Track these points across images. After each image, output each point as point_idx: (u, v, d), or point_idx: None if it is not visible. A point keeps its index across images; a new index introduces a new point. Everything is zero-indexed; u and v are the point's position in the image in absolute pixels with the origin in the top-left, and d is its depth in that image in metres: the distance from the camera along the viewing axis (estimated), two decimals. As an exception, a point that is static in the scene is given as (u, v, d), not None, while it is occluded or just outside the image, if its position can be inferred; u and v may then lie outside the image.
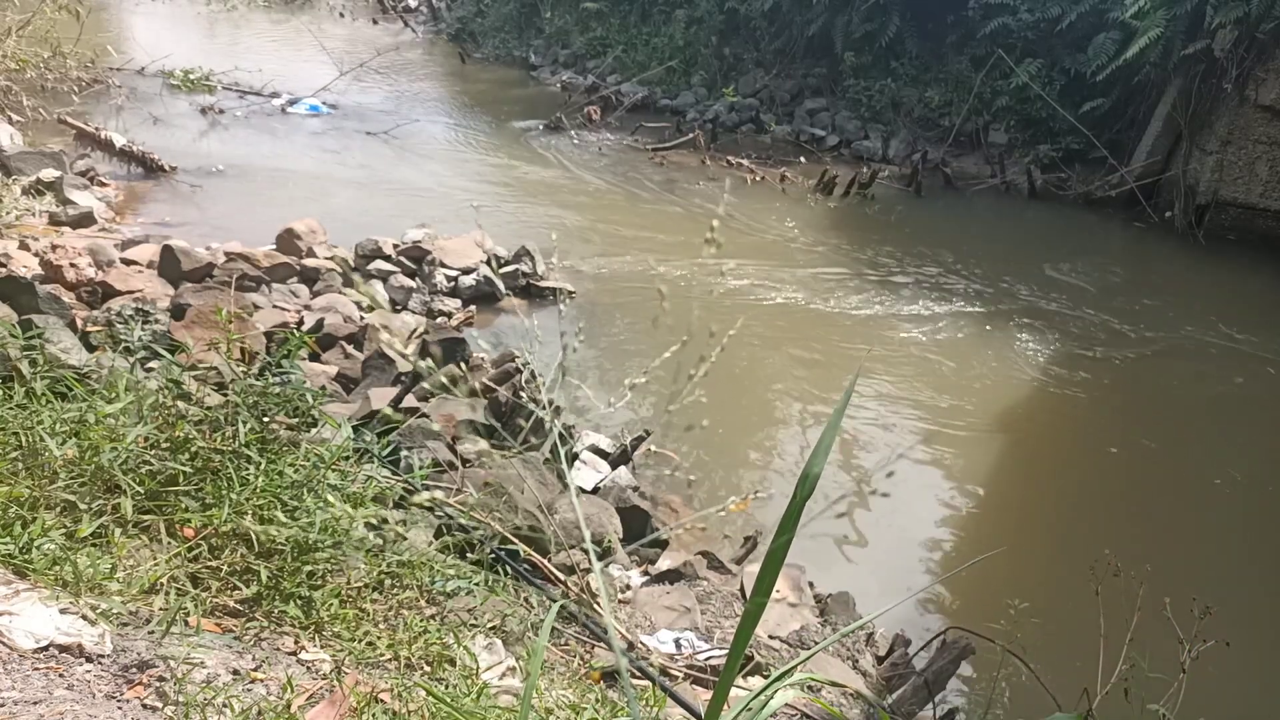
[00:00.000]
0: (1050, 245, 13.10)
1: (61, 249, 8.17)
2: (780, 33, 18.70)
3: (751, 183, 14.69)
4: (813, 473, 1.15)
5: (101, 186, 11.32)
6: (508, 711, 2.61)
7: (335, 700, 2.41)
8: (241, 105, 15.96)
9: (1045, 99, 15.30)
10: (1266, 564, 6.87)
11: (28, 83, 13.23)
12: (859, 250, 12.18)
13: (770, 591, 1.16)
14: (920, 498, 7.26)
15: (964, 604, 6.04)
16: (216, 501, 3.02)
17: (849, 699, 4.40)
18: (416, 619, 3.08)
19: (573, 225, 12.25)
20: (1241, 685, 5.21)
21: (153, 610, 2.63)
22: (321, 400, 3.74)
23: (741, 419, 8.03)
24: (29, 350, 3.84)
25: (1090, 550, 4.65)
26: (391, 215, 11.35)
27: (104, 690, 2.23)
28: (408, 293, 9.36)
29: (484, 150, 15.48)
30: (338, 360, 7.28)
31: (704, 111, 18.05)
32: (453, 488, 4.81)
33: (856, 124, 17.28)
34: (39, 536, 2.68)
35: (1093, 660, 3.76)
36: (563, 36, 21.78)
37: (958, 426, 8.26)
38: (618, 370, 8.64)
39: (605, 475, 6.50)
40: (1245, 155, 13.00)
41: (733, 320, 2.11)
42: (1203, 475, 8.11)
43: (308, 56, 19.94)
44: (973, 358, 9.59)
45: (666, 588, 5.06)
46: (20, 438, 3.09)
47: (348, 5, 27.13)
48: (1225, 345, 10.35)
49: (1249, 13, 12.22)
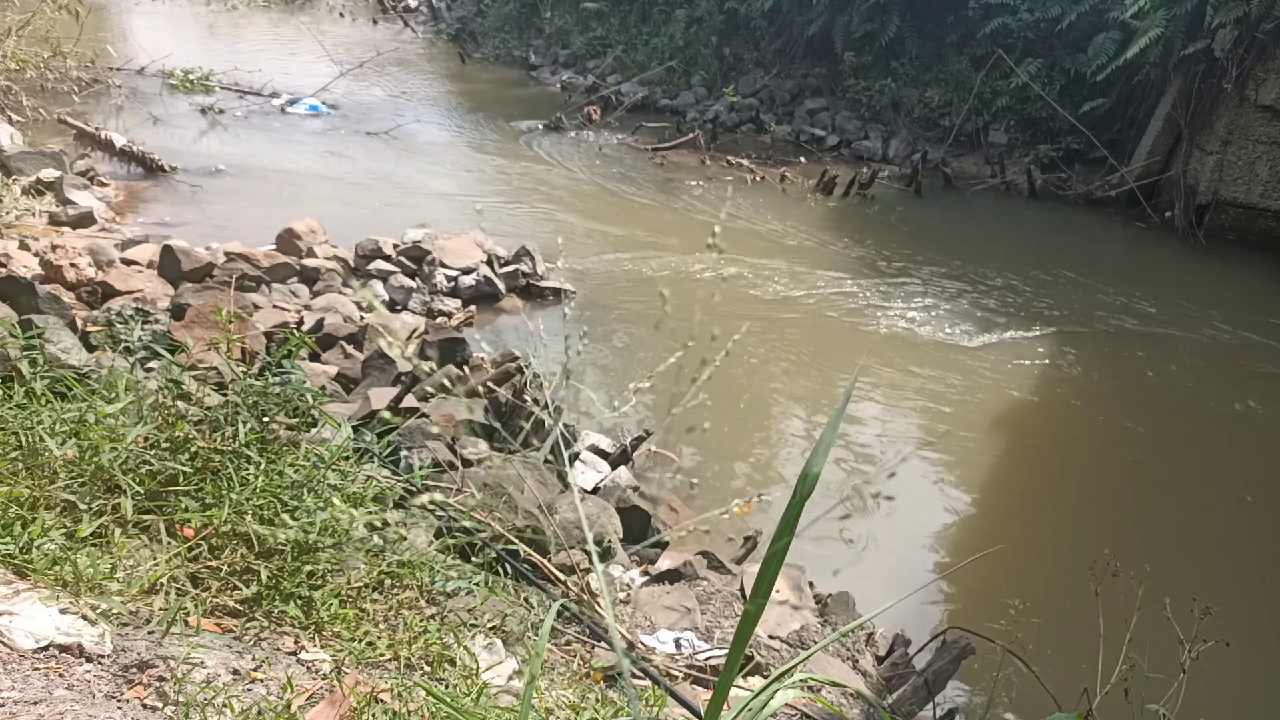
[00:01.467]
0: (1050, 245, 13.10)
1: (61, 249, 8.17)
2: (780, 33, 18.70)
3: (751, 183, 14.69)
4: (813, 472, 1.15)
5: (101, 186, 11.32)
6: (508, 711, 2.61)
7: (335, 700, 2.41)
8: (241, 105, 15.96)
9: (1045, 99, 15.30)
10: (1266, 564, 6.87)
11: (28, 83, 13.23)
12: (859, 250, 12.17)
13: (769, 593, 1.16)
14: (920, 498, 7.26)
15: (964, 604, 6.04)
16: (216, 501, 3.02)
17: (849, 699, 4.41)
18: (416, 619, 3.08)
19: (572, 225, 12.25)
20: (1241, 685, 5.21)
21: (153, 610, 2.63)
22: (321, 400, 3.74)
23: (742, 420, 8.03)
24: (29, 350, 3.84)
25: (1090, 550, 4.65)
26: (391, 215, 11.35)
27: (104, 690, 2.23)
28: (408, 293, 9.36)
29: (484, 150, 15.48)
30: (338, 360, 7.27)
31: (704, 111, 18.05)
32: (453, 488, 4.81)
33: (856, 124, 17.28)
34: (39, 536, 2.68)
35: (1093, 660, 3.76)
36: (563, 36, 21.78)
37: (958, 427, 8.26)
38: (618, 370, 8.64)
39: (605, 475, 6.50)
40: (1245, 155, 13.00)
41: (733, 321, 2.11)
42: (1203, 475, 8.12)
43: (308, 57, 19.95)
44: (972, 358, 9.59)
45: (666, 588, 5.06)
46: (20, 438, 3.08)
47: (348, 5, 27.13)
48: (1225, 345, 10.35)
49: (1249, 13, 12.22)
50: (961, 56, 16.60)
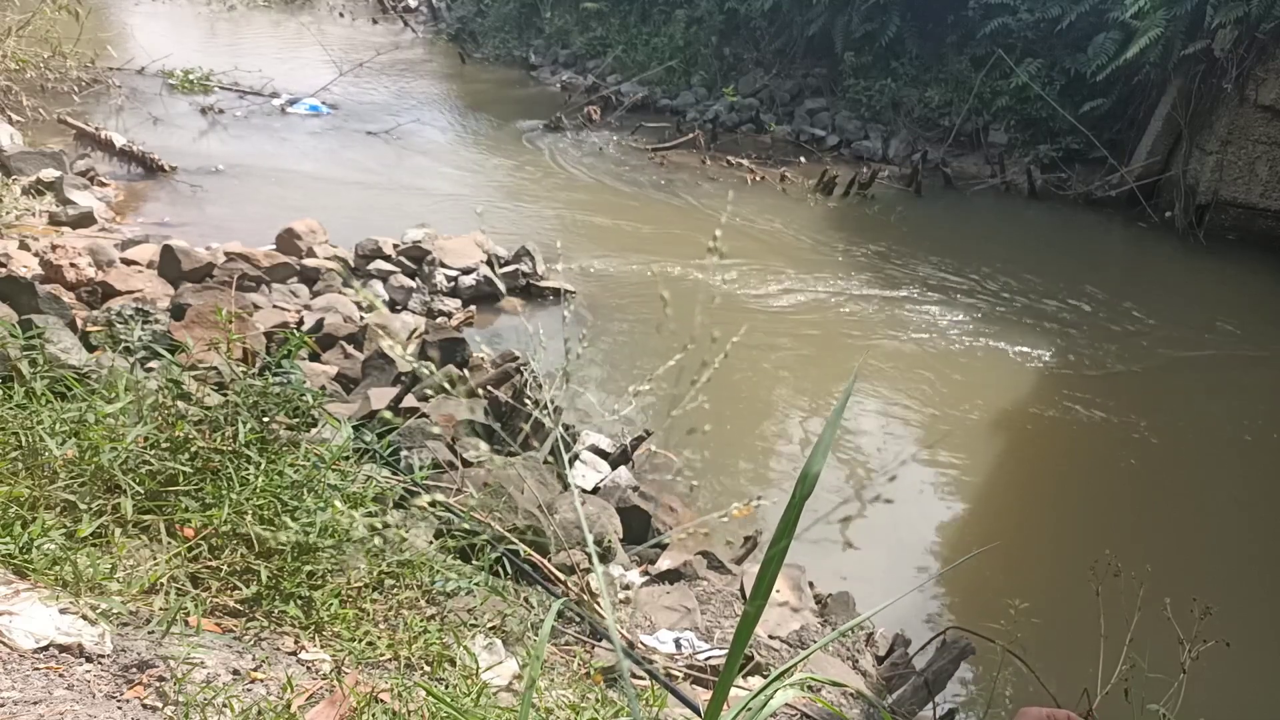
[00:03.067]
0: (1050, 245, 13.10)
1: (61, 249, 8.17)
2: (780, 33, 18.70)
3: (751, 183, 14.69)
4: (812, 472, 1.15)
5: (101, 186, 11.32)
6: (508, 711, 2.61)
7: (335, 700, 2.41)
8: (241, 105, 15.95)
9: (1045, 99, 15.30)
10: (1266, 564, 6.87)
11: (28, 83, 13.24)
12: (859, 251, 12.17)
13: (769, 594, 1.16)
14: (920, 498, 7.26)
15: (964, 604, 6.04)
16: (216, 501, 3.02)
17: (849, 699, 4.41)
18: (416, 619, 3.08)
19: (573, 225, 12.25)
20: (1241, 685, 5.21)
21: (153, 610, 2.63)
22: (321, 400, 3.74)
23: (741, 420, 8.03)
24: (29, 350, 3.84)
25: (1090, 550, 4.65)
26: (391, 215, 11.35)
27: (104, 690, 2.23)
28: (408, 293, 9.36)
29: (484, 150, 15.48)
30: (338, 360, 7.28)
31: (704, 111, 18.04)
32: (453, 488, 4.81)
33: (856, 124, 17.28)
34: (39, 536, 2.67)
35: (1093, 660, 3.76)
36: (563, 36, 21.77)
37: (957, 428, 8.26)
38: (618, 370, 8.64)
39: (605, 475, 6.50)
40: (1245, 155, 13.00)
41: (732, 322, 2.11)
42: (1203, 475, 8.12)
43: (308, 56, 19.94)
44: (972, 358, 9.59)
45: (666, 588, 5.06)
46: (20, 438, 3.08)
47: (348, 5, 27.12)
48: (1225, 345, 10.35)
49: (1249, 13, 12.22)
50: (961, 56, 16.59)
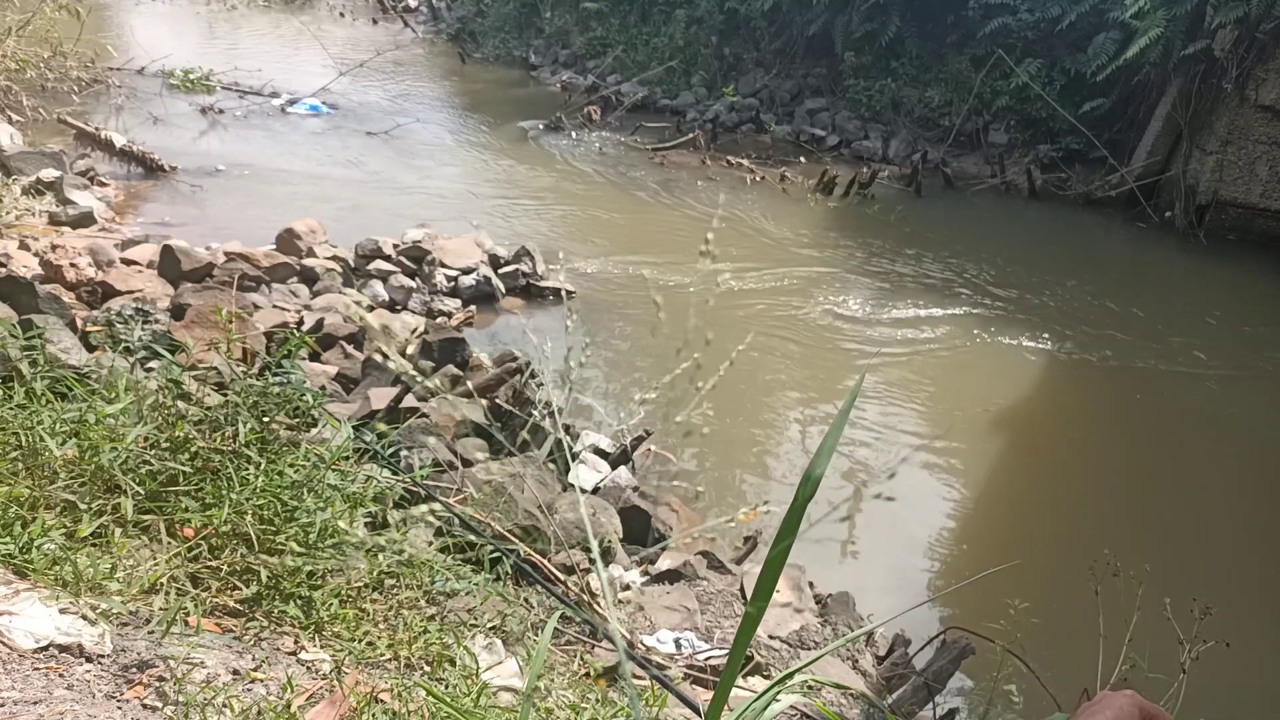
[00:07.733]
0: (1050, 245, 13.10)
1: (61, 249, 8.17)
2: (780, 33, 18.70)
3: (751, 183, 14.69)
4: (815, 474, 1.14)
5: (101, 186, 11.31)
6: (508, 711, 2.61)
7: (335, 700, 2.41)
8: (241, 105, 15.95)
9: (1045, 99, 15.30)
10: (1266, 564, 6.87)
11: (28, 83, 13.22)
12: (859, 251, 12.17)
13: (770, 596, 1.16)
14: (920, 498, 7.26)
15: (964, 604, 6.04)
16: (216, 501, 3.02)
17: (849, 699, 4.41)
18: (416, 619, 3.08)
19: (573, 225, 12.25)
20: (1241, 685, 5.21)
21: (153, 610, 2.63)
22: (321, 400, 3.74)
23: (742, 422, 8.02)
24: (29, 350, 3.83)
25: (1090, 550, 4.65)
26: (391, 215, 11.35)
27: (104, 690, 2.23)
28: (408, 293, 9.35)
29: (484, 150, 15.48)
30: (338, 360, 7.27)
31: (704, 111, 18.04)
32: (453, 488, 4.81)
33: (856, 124, 17.28)
34: (39, 536, 2.67)
35: (1093, 660, 3.76)
36: (563, 36, 21.77)
37: (958, 427, 8.26)
38: (619, 370, 8.64)
39: (605, 475, 6.49)
40: (1245, 155, 13.00)
41: (732, 324, 2.11)
42: (1203, 475, 8.11)
43: (307, 56, 19.94)
44: (973, 358, 9.59)
45: (667, 588, 5.06)
46: (20, 438, 3.08)
47: (348, 5, 27.12)
48: (1225, 345, 10.35)
49: (1249, 13, 12.21)
50: (961, 56, 16.59)
